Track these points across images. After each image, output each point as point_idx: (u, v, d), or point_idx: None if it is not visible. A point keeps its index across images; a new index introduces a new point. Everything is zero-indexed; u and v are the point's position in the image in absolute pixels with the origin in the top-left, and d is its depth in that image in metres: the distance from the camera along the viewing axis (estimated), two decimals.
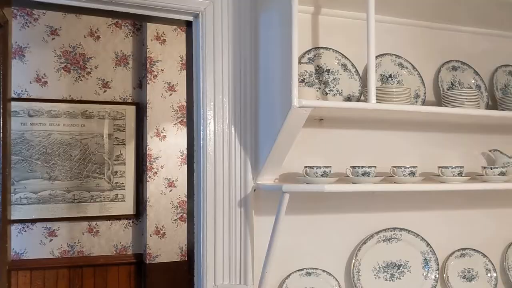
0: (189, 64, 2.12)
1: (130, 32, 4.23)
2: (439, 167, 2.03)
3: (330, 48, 2.10)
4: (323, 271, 2.05)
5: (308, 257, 2.07)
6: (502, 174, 2.05)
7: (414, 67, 2.23)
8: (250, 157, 2.01)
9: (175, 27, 4.05)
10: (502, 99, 2.25)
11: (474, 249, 2.29)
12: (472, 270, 2.28)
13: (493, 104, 2.36)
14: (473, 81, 2.35)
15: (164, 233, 4.07)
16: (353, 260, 2.09)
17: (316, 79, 2.04)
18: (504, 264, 2.35)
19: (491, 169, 2.06)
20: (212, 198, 1.97)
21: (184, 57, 3.87)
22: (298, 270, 2.03)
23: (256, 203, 2.01)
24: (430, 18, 2.27)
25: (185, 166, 2.20)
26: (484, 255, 2.29)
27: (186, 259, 3.25)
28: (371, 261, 2.12)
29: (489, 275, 2.28)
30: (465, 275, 2.27)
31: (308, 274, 2.04)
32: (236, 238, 2.00)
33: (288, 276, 2.02)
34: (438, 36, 2.33)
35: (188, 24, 2.09)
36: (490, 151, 2.31)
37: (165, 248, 4.06)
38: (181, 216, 4.11)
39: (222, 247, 1.98)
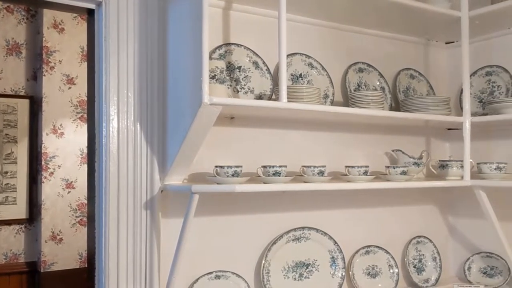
0: (91, 56, 1.97)
1: (23, 19, 3.90)
2: (346, 166, 2.07)
3: (241, 45, 2.05)
4: (233, 273, 2.00)
5: (218, 260, 2.01)
6: (404, 173, 2.13)
7: (323, 68, 2.25)
8: (157, 156, 1.91)
9: (75, 15, 3.79)
10: (404, 101, 2.34)
11: (378, 246, 2.37)
12: (376, 267, 2.35)
13: (396, 105, 2.45)
14: (378, 83, 2.42)
15: (61, 238, 3.80)
16: (263, 261, 2.06)
17: (227, 76, 1.98)
18: (405, 260, 2.45)
19: (394, 168, 2.13)
20: (115, 200, 1.84)
21: (85, 48, 3.63)
22: (207, 274, 1.96)
23: (164, 205, 1.92)
24: (339, 20, 2.30)
25: (86, 165, 2.06)
26: (387, 252, 2.37)
27: (86, 266, 3.04)
28: (281, 261, 2.11)
29: (391, 271, 2.36)
30: (369, 272, 2.33)
31: (217, 277, 1.98)
32: (142, 242, 1.89)
33: (197, 280, 1.94)
34: (346, 38, 2.38)
35: (90, 12, 1.94)
36: (393, 151, 2.40)
37: (62, 255, 3.79)
38: (81, 219, 3.87)
39: (126, 252, 1.86)
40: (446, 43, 2.72)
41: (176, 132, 1.83)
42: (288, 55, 2.08)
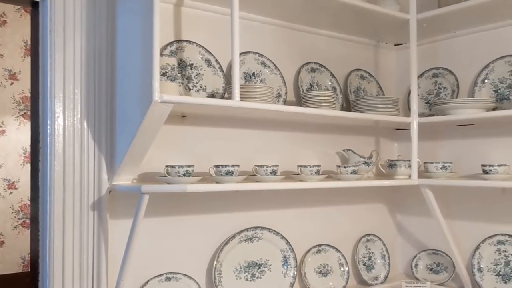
0: (35, 50, 1.88)
1: None
2: (298, 166, 2.07)
3: (193, 42, 2.01)
4: (184, 275, 1.96)
5: (168, 262, 1.97)
6: (354, 172, 2.15)
7: (276, 67, 2.24)
8: (106, 156, 1.85)
9: (19, 7, 3.63)
10: (355, 101, 2.37)
11: (329, 245, 2.39)
12: (327, 265, 2.37)
13: (347, 105, 2.48)
14: (329, 83, 2.44)
15: (2, 241, 3.63)
16: (215, 262, 2.03)
17: (178, 73, 1.94)
18: (355, 258, 2.49)
19: (345, 167, 2.15)
20: (61, 201, 1.77)
21: (29, 42, 3.48)
22: (157, 276, 1.91)
23: (112, 206, 1.85)
24: (292, 20, 2.30)
25: (29, 165, 1.97)
26: (338, 250, 2.40)
27: (29, 270, 2.92)
28: (233, 262, 2.09)
29: (342, 269, 2.39)
30: (320, 271, 2.35)
31: (168, 279, 1.93)
32: (89, 245, 1.82)
33: (146, 282, 1.89)
34: (299, 38, 2.38)
35: (34, 4, 1.85)
36: (344, 150, 2.42)
37: (3, 259, 3.62)
38: (24, 221, 3.71)
39: (72, 256, 1.79)
40: (395, 45, 2.78)
41: (125, 131, 1.77)
42: (241, 54, 2.07)
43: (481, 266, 2.35)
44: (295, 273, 2.21)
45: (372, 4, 2.22)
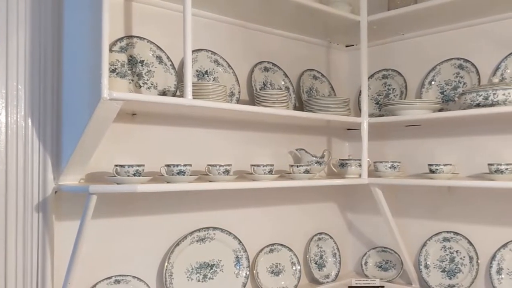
0: None
1: None
2: (252, 165, 2.06)
3: (144, 38, 1.96)
4: (134, 277, 1.91)
5: (118, 264, 1.91)
6: (307, 172, 2.17)
7: (229, 65, 2.23)
8: (51, 155, 1.77)
9: None
10: (307, 101, 2.39)
11: (281, 244, 2.39)
12: (279, 265, 2.37)
13: (300, 105, 2.49)
14: (283, 83, 2.45)
15: None
16: (166, 263, 1.99)
17: (129, 70, 1.89)
18: (307, 257, 2.50)
19: (297, 167, 2.16)
20: (3, 201, 1.69)
21: None
22: (106, 279, 1.85)
23: (58, 207, 1.78)
24: (245, 18, 2.29)
25: None
26: (290, 249, 2.40)
27: None
28: (184, 263, 2.05)
29: (294, 268, 2.40)
30: (273, 270, 2.35)
31: (117, 282, 1.88)
32: (33, 247, 1.74)
33: (94, 286, 1.83)
34: (252, 37, 2.37)
35: None
36: (296, 150, 2.43)
37: None
38: None
39: (14, 259, 1.71)
40: (346, 46, 2.82)
41: (72, 129, 1.70)
42: (193, 51, 2.04)
43: (428, 262, 2.42)
44: (248, 273, 2.20)
45: (324, 5, 2.24)
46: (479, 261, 2.27)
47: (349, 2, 2.41)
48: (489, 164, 2.02)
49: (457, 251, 2.35)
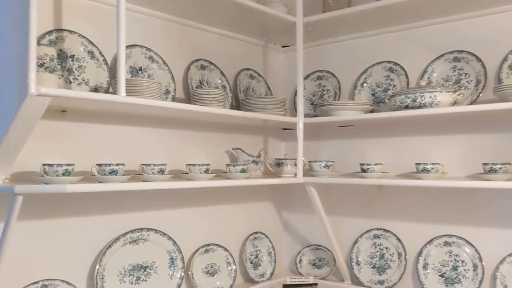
0: None
1: None
2: (187, 164, 2.03)
3: (75, 32, 1.88)
4: (63, 281, 1.83)
5: (46, 268, 1.82)
6: (243, 171, 2.16)
7: (164, 62, 2.18)
8: None
9: None
10: (244, 100, 2.39)
11: (217, 244, 2.37)
12: (215, 265, 2.35)
13: (237, 104, 2.49)
14: (219, 81, 2.43)
15: None
16: (97, 266, 1.92)
17: (58, 65, 1.81)
18: (243, 256, 2.50)
19: (234, 166, 2.15)
20: None
21: None
22: (33, 284, 1.76)
23: None
24: (182, 15, 2.26)
25: None
26: (226, 249, 2.39)
27: None
28: (117, 265, 1.99)
29: (229, 268, 2.39)
30: (208, 271, 2.33)
31: (44, 286, 1.79)
32: None
33: None
34: (189, 34, 2.34)
35: None
36: (233, 149, 2.43)
37: None
38: None
39: None
40: (283, 46, 2.85)
41: None
42: (127, 47, 1.98)
43: (359, 259, 2.49)
44: (182, 274, 2.16)
45: (261, 5, 2.25)
46: (407, 257, 2.36)
47: (285, 3, 2.43)
48: (416, 164, 2.10)
49: (386, 248, 2.44)
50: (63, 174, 1.62)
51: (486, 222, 2.17)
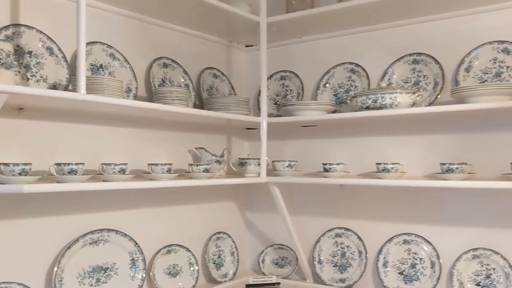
0: None
1: None
2: (149, 164, 2.00)
3: (33, 28, 1.83)
4: (19, 284, 1.77)
5: (2, 270, 1.75)
6: (206, 171, 2.15)
7: (126, 60, 2.14)
8: None
9: None
10: (208, 99, 2.37)
11: (179, 245, 2.35)
12: (177, 266, 2.33)
13: (200, 103, 2.47)
14: (182, 80, 2.41)
15: None
16: (55, 268, 1.87)
17: (15, 61, 1.75)
18: (205, 257, 2.49)
19: (197, 166, 2.14)
20: None
21: None
22: None
23: None
24: (144, 12, 2.22)
25: None
26: (188, 250, 2.37)
27: None
28: (76, 267, 1.94)
29: (192, 268, 2.37)
30: (170, 271, 2.30)
31: None
32: None
33: None
34: (151, 31, 2.31)
35: None
36: (196, 148, 2.41)
37: None
38: None
39: None
40: (247, 46, 2.85)
41: None
42: (88, 43, 1.93)
43: (321, 258, 2.52)
44: (144, 275, 2.13)
45: (225, 4, 2.24)
46: (367, 255, 2.40)
47: (249, 2, 2.43)
48: (377, 164, 2.14)
49: (347, 246, 2.47)
50: (20, 174, 1.57)
51: (443, 220, 2.23)
